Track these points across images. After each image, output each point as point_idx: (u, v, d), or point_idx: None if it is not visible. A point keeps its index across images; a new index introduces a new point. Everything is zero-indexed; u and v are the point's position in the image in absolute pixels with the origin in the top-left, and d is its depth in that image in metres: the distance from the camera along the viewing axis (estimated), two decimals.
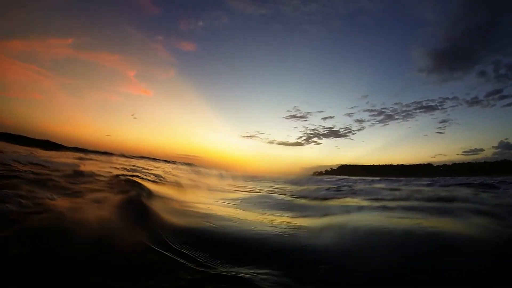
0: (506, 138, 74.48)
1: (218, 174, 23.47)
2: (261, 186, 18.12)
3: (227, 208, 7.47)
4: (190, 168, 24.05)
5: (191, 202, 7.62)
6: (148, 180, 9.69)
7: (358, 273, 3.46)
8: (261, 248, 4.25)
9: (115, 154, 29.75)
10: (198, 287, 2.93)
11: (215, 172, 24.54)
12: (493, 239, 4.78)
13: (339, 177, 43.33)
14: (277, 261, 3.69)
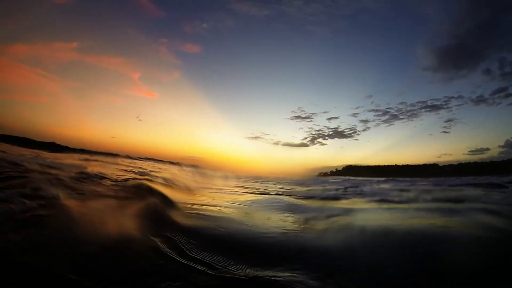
0: None
1: (224, 176, 23.54)
2: (268, 188, 18.11)
3: (238, 210, 7.52)
4: (196, 170, 24.09)
5: (202, 205, 7.69)
6: (158, 183, 9.79)
7: (378, 274, 3.48)
8: (276, 250, 4.29)
9: (121, 155, 29.84)
10: None
11: (221, 173, 24.62)
12: (509, 240, 4.75)
13: (345, 177, 43.16)
14: (294, 263, 3.72)
